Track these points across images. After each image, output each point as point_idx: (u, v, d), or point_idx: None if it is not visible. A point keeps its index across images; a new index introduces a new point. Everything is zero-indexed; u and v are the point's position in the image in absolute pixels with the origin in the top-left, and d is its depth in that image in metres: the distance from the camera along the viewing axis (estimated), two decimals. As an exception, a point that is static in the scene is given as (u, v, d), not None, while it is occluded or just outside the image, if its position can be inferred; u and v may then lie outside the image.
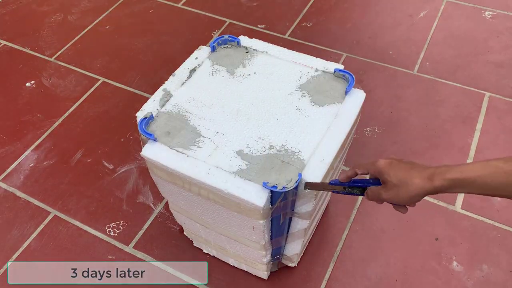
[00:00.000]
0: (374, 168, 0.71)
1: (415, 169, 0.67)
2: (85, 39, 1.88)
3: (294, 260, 1.13)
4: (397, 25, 1.86)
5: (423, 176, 0.65)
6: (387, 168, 0.69)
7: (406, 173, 0.67)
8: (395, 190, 0.68)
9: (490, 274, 1.16)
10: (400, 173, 0.67)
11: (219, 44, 1.04)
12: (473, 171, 0.62)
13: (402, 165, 0.69)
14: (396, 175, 0.67)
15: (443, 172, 0.64)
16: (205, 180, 0.81)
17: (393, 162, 0.69)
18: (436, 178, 0.64)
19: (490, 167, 0.61)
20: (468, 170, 0.62)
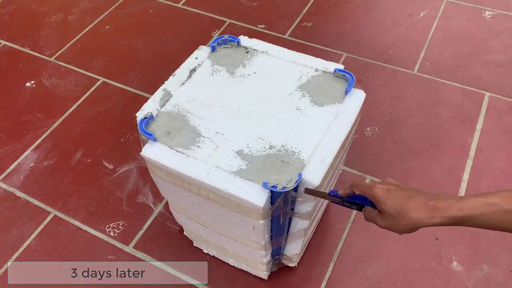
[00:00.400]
0: (371, 193, 0.68)
1: (414, 200, 0.64)
2: (85, 39, 1.88)
3: (294, 260, 1.13)
4: (397, 25, 1.86)
5: (421, 211, 0.63)
6: (384, 197, 0.66)
7: (404, 204, 0.64)
8: (392, 221, 0.66)
9: (490, 274, 1.16)
10: (397, 204, 0.64)
11: (219, 44, 1.04)
12: (473, 209, 0.61)
13: (400, 194, 0.65)
14: (393, 205, 0.65)
15: (442, 208, 0.62)
16: (205, 180, 0.81)
17: (391, 189, 0.66)
18: (436, 214, 0.62)
19: (490, 206, 0.60)
20: (468, 208, 0.61)
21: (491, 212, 0.59)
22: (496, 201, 0.59)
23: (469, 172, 1.37)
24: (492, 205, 0.59)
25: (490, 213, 0.59)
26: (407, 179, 1.36)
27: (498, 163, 1.38)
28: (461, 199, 0.62)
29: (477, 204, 0.60)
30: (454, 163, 1.39)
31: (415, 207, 0.63)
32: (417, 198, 0.64)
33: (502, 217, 0.59)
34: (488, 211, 0.60)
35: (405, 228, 0.65)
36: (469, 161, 1.39)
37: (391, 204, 0.65)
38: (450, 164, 1.39)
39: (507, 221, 0.59)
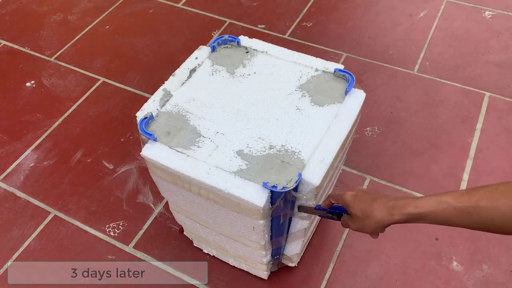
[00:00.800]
0: (342, 200, 0.77)
1: (376, 201, 0.71)
2: (85, 39, 1.88)
3: (294, 260, 1.13)
4: (397, 25, 1.86)
5: (383, 210, 0.70)
6: (352, 201, 0.75)
7: (368, 206, 0.72)
8: (359, 222, 0.74)
9: (490, 274, 1.16)
10: (363, 206, 0.73)
11: (219, 44, 1.04)
12: (427, 207, 0.66)
13: (366, 198, 0.74)
14: (359, 208, 0.73)
15: (401, 206, 0.69)
16: (205, 180, 0.81)
17: (358, 194, 0.75)
18: (395, 212, 0.69)
19: (442, 204, 0.65)
20: (423, 206, 0.66)
21: (442, 209, 0.65)
22: (447, 200, 0.64)
23: (469, 172, 1.37)
24: (443, 203, 0.64)
25: (442, 210, 0.65)
26: (407, 179, 1.36)
27: (498, 163, 1.38)
28: (418, 198, 0.68)
29: (431, 202, 0.66)
30: (454, 163, 1.39)
31: (377, 207, 0.71)
32: (379, 199, 0.72)
33: (452, 213, 0.64)
34: (440, 208, 0.65)
35: (372, 227, 0.73)
36: (469, 161, 1.39)
37: (358, 207, 0.74)
38: (450, 164, 1.39)
39: (456, 217, 0.64)
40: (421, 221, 0.68)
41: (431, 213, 0.66)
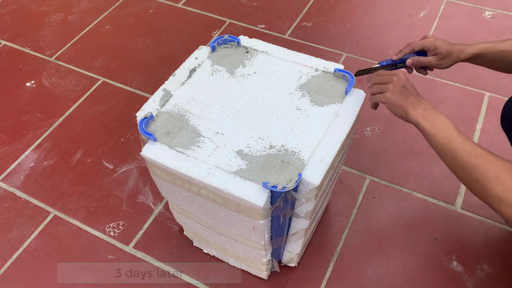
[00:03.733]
0: (430, 43, 0.96)
1: (455, 46, 0.97)
2: (85, 39, 1.88)
3: (294, 260, 1.13)
4: (397, 25, 1.86)
5: (459, 51, 0.97)
6: (439, 45, 0.96)
7: (451, 48, 0.97)
8: (446, 60, 0.98)
9: (490, 274, 1.16)
10: (448, 48, 0.97)
11: (219, 44, 1.04)
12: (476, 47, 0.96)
13: (446, 42, 0.97)
14: (446, 48, 0.96)
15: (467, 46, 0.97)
16: (205, 180, 0.81)
17: (438, 39, 0.97)
18: (467, 49, 0.97)
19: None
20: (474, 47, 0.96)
21: None
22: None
23: (469, 172, 1.36)
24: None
25: None
26: (407, 179, 1.36)
27: (498, 163, 1.38)
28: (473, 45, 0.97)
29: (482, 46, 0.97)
30: (454, 163, 1.39)
31: (459, 48, 0.96)
32: (457, 45, 0.97)
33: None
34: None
35: (450, 62, 0.98)
36: (469, 161, 1.39)
37: (445, 50, 0.96)
38: (450, 164, 1.39)
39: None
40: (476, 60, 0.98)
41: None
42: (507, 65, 0.97)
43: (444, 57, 0.96)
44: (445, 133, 0.78)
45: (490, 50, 0.95)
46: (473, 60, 0.98)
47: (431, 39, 0.96)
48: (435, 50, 0.96)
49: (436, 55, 0.96)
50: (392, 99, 0.85)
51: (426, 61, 0.97)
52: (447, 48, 0.95)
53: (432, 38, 0.96)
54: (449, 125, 0.80)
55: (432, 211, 1.29)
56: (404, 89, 0.85)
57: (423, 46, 0.96)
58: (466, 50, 0.96)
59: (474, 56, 0.96)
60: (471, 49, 0.96)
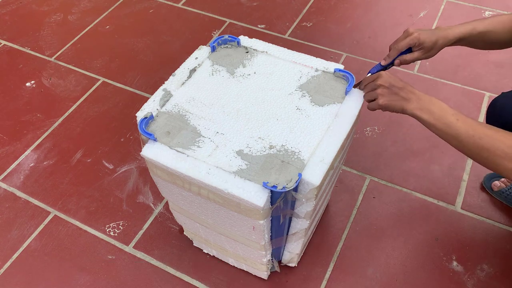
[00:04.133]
0: (417, 38, 0.96)
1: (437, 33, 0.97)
2: (85, 39, 1.88)
3: (294, 260, 1.13)
4: (397, 25, 1.86)
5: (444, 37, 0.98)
6: (425, 38, 0.96)
7: (433, 36, 0.96)
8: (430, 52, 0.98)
9: (490, 274, 1.16)
10: (432, 39, 0.96)
11: (219, 44, 1.04)
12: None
13: (429, 32, 0.97)
14: (432, 41, 0.96)
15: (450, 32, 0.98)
16: (205, 180, 0.81)
17: (419, 31, 0.97)
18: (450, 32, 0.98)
19: None
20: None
21: None
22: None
23: (469, 172, 1.37)
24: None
25: None
26: (407, 179, 1.36)
27: (498, 163, 1.38)
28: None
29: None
30: (454, 163, 1.39)
31: (442, 35, 0.97)
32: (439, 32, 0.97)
33: None
34: None
35: (436, 52, 0.99)
36: (469, 161, 1.39)
37: (430, 41, 0.96)
38: (450, 164, 1.39)
39: None
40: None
41: None
42: (487, 44, 1.00)
43: (430, 49, 0.97)
44: (445, 120, 0.80)
45: (471, 32, 0.97)
46: (457, 44, 0.99)
47: (415, 35, 0.96)
48: (421, 45, 0.96)
49: (422, 49, 0.97)
50: (385, 103, 0.86)
51: (412, 58, 0.98)
52: (431, 39, 0.96)
53: (416, 34, 0.96)
54: (446, 110, 0.82)
55: (432, 211, 1.29)
56: (391, 88, 0.86)
57: (408, 45, 0.97)
58: (449, 36, 0.97)
59: (458, 40, 0.98)
60: (453, 34, 0.97)
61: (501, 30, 0.98)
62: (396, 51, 0.99)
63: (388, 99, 0.86)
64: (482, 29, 0.97)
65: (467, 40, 0.99)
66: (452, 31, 0.97)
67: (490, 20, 0.99)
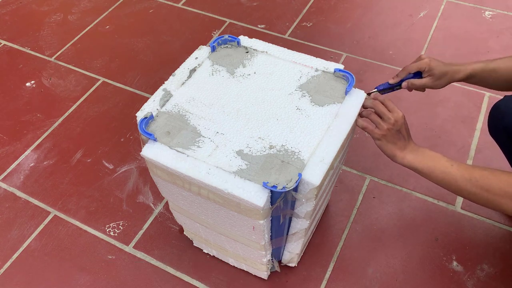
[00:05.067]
0: (426, 65, 0.97)
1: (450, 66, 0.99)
2: (85, 39, 1.88)
3: (294, 260, 1.13)
4: (397, 25, 1.86)
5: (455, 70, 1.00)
6: (434, 66, 0.97)
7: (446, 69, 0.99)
8: (439, 81, 1.00)
9: (490, 274, 1.16)
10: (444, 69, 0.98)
11: (219, 44, 1.04)
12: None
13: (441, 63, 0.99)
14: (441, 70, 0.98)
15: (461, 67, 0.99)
16: (205, 180, 0.81)
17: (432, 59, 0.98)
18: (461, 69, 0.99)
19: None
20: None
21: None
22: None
23: (469, 172, 1.36)
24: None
25: None
26: (407, 179, 1.36)
27: (498, 163, 1.38)
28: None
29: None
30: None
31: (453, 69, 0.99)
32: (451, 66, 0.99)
33: None
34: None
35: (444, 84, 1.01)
36: (469, 161, 1.39)
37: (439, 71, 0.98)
38: (450, 164, 1.39)
39: None
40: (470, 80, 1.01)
41: None
42: (499, 83, 0.99)
43: (439, 78, 0.98)
44: (440, 168, 0.84)
45: (483, 69, 0.98)
46: (467, 80, 1.00)
47: (426, 60, 0.97)
48: (430, 71, 0.97)
49: (430, 76, 0.98)
50: (384, 142, 0.88)
51: (421, 84, 0.99)
52: (441, 70, 0.97)
53: (427, 59, 0.97)
54: (439, 158, 0.85)
55: (432, 211, 1.29)
56: (398, 133, 0.87)
57: (418, 68, 0.98)
58: (460, 72, 0.98)
59: (468, 76, 0.99)
60: (465, 70, 0.98)
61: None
62: (405, 72, 0.99)
63: (389, 139, 0.87)
64: (494, 66, 0.97)
65: (478, 77, 0.99)
66: (464, 67, 0.98)
67: (504, 59, 0.99)
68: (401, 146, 0.87)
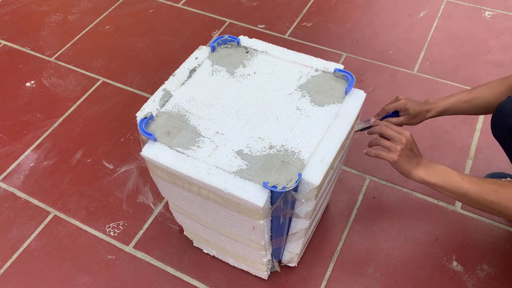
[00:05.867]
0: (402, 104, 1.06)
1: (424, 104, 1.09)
2: (85, 39, 1.88)
3: (294, 260, 1.13)
4: (397, 25, 1.86)
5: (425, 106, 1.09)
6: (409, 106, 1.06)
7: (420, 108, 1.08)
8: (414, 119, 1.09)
9: (490, 274, 1.16)
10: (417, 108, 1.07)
11: (219, 44, 1.04)
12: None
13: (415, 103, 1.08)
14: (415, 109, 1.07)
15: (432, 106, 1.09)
16: (205, 180, 0.81)
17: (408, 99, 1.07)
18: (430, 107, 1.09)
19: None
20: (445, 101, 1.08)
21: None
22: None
23: (469, 172, 1.37)
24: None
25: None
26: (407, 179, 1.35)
27: (498, 163, 1.38)
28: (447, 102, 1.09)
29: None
30: (454, 163, 1.39)
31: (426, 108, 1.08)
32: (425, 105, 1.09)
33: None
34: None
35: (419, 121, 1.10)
36: (469, 161, 1.40)
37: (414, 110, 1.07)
38: (450, 164, 1.39)
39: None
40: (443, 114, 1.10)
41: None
42: (475, 111, 1.08)
43: (414, 117, 1.07)
44: (451, 182, 0.87)
45: (455, 104, 1.07)
46: (441, 115, 1.10)
47: (402, 101, 1.05)
48: (406, 111, 1.06)
49: (406, 115, 1.07)
50: (400, 162, 0.91)
51: (397, 122, 1.09)
52: (415, 109, 1.06)
53: (403, 100, 1.06)
54: (450, 172, 0.89)
55: (432, 211, 1.29)
56: (411, 152, 0.91)
57: (395, 108, 1.07)
58: (433, 110, 1.08)
59: (441, 112, 1.08)
60: (437, 108, 1.07)
61: (488, 94, 1.05)
62: (384, 111, 1.08)
63: (404, 159, 0.90)
64: (468, 98, 1.06)
65: (452, 110, 1.08)
66: (437, 105, 1.08)
67: (478, 89, 1.08)
68: (415, 164, 0.91)
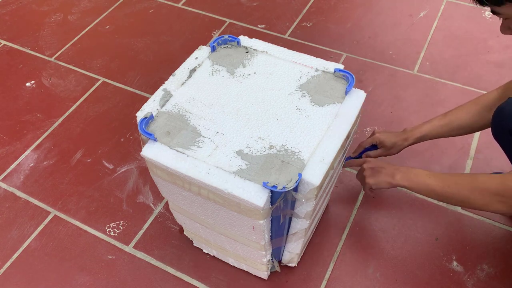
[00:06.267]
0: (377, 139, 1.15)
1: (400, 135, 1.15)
2: (85, 39, 1.88)
3: (294, 260, 1.13)
4: (397, 25, 1.86)
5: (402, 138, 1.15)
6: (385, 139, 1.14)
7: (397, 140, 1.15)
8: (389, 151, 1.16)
9: (490, 274, 1.16)
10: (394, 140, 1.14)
11: (219, 44, 1.04)
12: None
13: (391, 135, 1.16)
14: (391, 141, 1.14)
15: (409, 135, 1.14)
16: (205, 180, 0.81)
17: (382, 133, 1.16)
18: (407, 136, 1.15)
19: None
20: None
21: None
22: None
23: (469, 172, 1.37)
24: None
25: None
26: (407, 179, 1.35)
27: (498, 163, 1.38)
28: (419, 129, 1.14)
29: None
30: (454, 163, 1.39)
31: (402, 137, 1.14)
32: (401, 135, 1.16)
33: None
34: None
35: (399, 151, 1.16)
36: (469, 161, 1.39)
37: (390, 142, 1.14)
38: (450, 164, 1.39)
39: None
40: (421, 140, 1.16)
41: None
42: (454, 133, 1.13)
43: (390, 147, 1.14)
44: (422, 182, 0.94)
45: (432, 129, 1.11)
46: (419, 141, 1.14)
47: (376, 136, 1.15)
48: (382, 143, 1.14)
49: (383, 147, 1.15)
50: (374, 183, 1.00)
51: (375, 154, 1.16)
52: (391, 140, 1.13)
53: (377, 135, 1.15)
54: (421, 173, 0.96)
55: (432, 211, 1.29)
56: (376, 169, 1.01)
57: (371, 143, 1.16)
58: (410, 139, 1.13)
59: (418, 139, 1.13)
60: (414, 135, 1.12)
61: (464, 115, 1.11)
62: (361, 147, 1.18)
63: (375, 179, 1.00)
64: (444, 122, 1.11)
65: (430, 136, 1.13)
66: (413, 133, 1.12)
67: (452, 111, 1.13)
68: (388, 173, 0.99)
